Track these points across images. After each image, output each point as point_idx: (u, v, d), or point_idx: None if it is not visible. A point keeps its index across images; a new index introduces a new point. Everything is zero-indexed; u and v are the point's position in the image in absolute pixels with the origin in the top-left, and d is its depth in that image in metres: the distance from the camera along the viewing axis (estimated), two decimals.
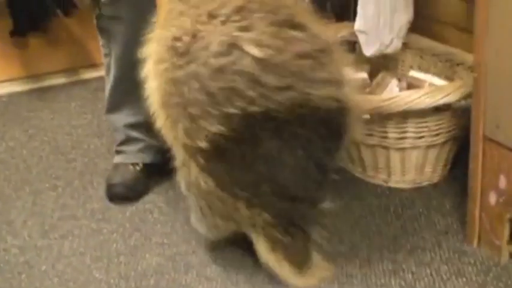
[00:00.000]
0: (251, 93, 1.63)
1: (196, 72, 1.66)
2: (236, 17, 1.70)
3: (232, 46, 1.66)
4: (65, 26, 3.38)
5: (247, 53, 1.64)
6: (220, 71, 1.65)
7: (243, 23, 1.69)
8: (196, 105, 1.66)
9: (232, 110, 1.64)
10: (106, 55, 2.33)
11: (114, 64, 2.29)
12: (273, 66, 1.65)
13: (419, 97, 2.08)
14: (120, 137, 2.40)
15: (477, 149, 1.88)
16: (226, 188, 1.72)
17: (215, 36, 1.68)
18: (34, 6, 3.16)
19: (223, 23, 1.70)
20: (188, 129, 1.69)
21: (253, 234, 1.80)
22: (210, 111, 1.65)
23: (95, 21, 2.31)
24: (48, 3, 3.14)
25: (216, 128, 1.65)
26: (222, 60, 1.65)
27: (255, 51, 1.65)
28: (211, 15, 1.71)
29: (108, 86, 2.35)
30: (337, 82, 1.76)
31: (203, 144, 1.67)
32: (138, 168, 2.37)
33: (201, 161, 1.70)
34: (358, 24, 2.33)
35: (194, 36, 1.70)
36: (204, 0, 1.75)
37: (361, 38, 2.35)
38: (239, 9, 1.71)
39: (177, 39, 1.72)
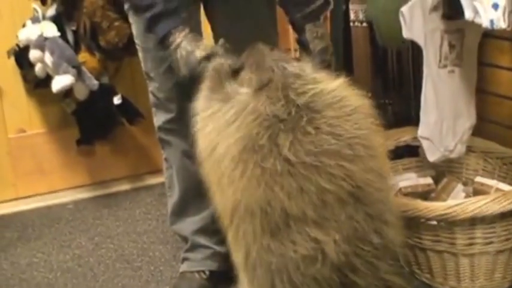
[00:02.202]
0: None
1: None
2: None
3: None
4: (129, 134, 3.46)
5: None
6: None
7: None
8: None
9: None
10: (167, 169, 2.38)
11: (176, 177, 2.33)
12: None
13: (487, 203, 2.06)
14: (187, 244, 2.41)
15: None
16: None
17: None
18: (100, 116, 3.24)
19: None
20: None
21: None
22: None
23: (156, 133, 2.37)
24: (114, 113, 3.21)
25: None
26: None
27: None
28: None
29: (172, 201, 2.39)
30: None
31: None
32: (204, 276, 2.37)
33: None
34: (421, 130, 2.34)
35: None
36: None
37: (425, 145, 2.36)
38: None
39: None
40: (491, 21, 1.99)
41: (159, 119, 2.31)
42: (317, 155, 1.62)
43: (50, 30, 3.01)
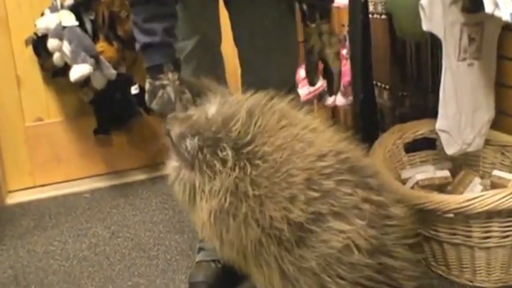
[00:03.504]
0: None
1: None
2: None
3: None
4: (146, 124, 3.47)
5: None
6: None
7: None
8: None
9: None
10: None
11: None
12: None
13: (504, 197, 2.05)
14: None
15: None
16: None
17: None
18: (118, 106, 3.25)
19: None
20: None
21: None
22: None
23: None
24: (131, 102, 3.21)
25: None
26: None
27: None
28: None
29: None
30: None
31: None
32: (219, 265, 2.38)
33: None
34: (440, 123, 2.33)
35: None
36: None
37: (443, 138, 2.35)
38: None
39: None
40: None
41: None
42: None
43: (68, 19, 3.01)
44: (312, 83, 2.22)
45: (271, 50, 2.24)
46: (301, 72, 2.69)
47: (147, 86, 1.96)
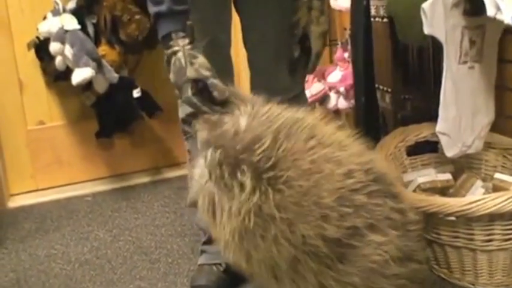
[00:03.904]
0: None
1: None
2: None
3: None
4: (148, 127, 3.48)
5: None
6: None
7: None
8: None
9: None
10: (190, 160, 2.38)
11: None
12: None
13: (506, 200, 2.05)
14: (205, 236, 2.42)
15: None
16: None
17: None
18: (120, 109, 3.25)
19: None
20: None
21: None
22: None
23: (180, 125, 2.37)
24: (133, 106, 3.22)
25: None
26: None
27: None
28: None
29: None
30: None
31: None
32: (221, 268, 2.38)
33: None
34: (440, 126, 2.33)
35: None
36: None
37: (443, 140, 2.35)
38: None
39: None
40: None
41: (183, 111, 2.31)
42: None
43: (71, 23, 3.02)
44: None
45: (282, 56, 2.24)
46: None
47: (164, 58, 1.97)
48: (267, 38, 2.22)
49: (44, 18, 3.12)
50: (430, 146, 2.66)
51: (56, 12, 3.09)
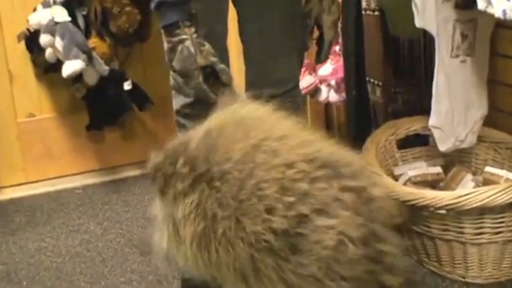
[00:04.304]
0: None
1: None
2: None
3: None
4: (139, 120, 3.47)
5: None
6: None
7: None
8: None
9: None
10: None
11: None
12: None
13: (496, 193, 2.06)
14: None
15: None
16: None
17: None
18: (110, 102, 3.24)
19: None
20: None
21: None
22: None
23: (174, 117, 2.36)
24: (124, 98, 3.21)
25: None
26: None
27: None
28: None
29: None
30: None
31: None
32: None
33: None
34: (433, 120, 2.34)
35: None
36: None
37: (436, 134, 2.35)
38: None
39: None
40: (504, 12, 1.98)
41: (177, 102, 2.30)
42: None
43: (61, 14, 3.00)
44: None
45: (280, 48, 2.23)
46: None
47: (165, 46, 1.94)
48: (264, 30, 2.21)
49: (34, 10, 3.11)
50: (421, 139, 2.66)
51: (46, 4, 3.07)
